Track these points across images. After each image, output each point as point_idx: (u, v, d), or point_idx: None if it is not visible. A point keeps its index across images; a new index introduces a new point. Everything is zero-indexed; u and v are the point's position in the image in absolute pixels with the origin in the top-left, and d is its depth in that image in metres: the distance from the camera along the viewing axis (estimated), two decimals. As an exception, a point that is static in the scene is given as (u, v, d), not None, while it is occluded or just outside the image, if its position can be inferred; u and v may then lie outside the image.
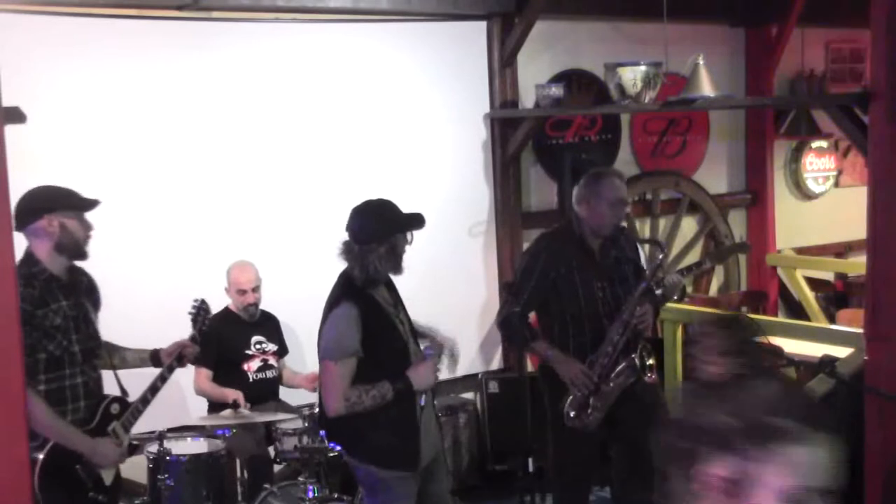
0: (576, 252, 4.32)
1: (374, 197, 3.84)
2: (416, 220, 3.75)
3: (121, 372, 3.94)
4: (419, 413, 3.76)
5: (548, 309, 4.38)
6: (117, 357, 4.00)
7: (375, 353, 3.67)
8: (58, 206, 3.63)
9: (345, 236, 3.75)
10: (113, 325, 4.82)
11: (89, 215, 3.72)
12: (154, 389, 3.83)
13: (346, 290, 3.71)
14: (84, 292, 3.80)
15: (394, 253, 3.71)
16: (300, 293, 5.55)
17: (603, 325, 4.28)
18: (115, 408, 3.76)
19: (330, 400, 3.66)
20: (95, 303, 3.89)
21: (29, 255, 3.63)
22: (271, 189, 5.57)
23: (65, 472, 3.60)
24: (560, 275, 4.29)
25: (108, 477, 3.73)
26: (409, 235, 3.75)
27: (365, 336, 3.64)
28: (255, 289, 5.18)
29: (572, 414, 4.27)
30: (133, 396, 3.83)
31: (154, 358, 3.99)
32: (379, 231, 3.70)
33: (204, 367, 5.07)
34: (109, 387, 3.88)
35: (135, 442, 3.93)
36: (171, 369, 3.89)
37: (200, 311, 4.06)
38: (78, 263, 3.78)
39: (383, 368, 3.68)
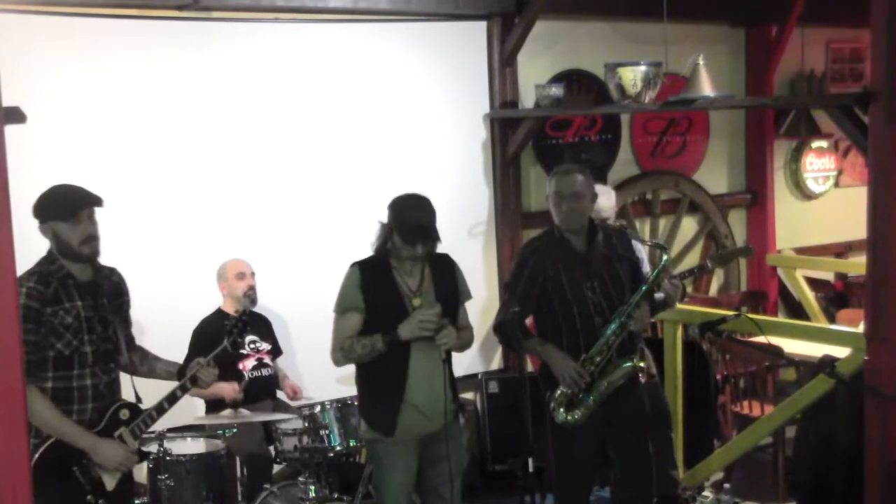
0: (562, 254, 4.30)
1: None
2: (404, 228, 3.93)
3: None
4: (406, 383, 3.96)
5: (541, 311, 4.37)
6: (146, 365, 3.94)
7: (377, 315, 3.97)
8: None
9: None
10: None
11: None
12: (172, 399, 3.76)
13: (360, 259, 4.10)
14: (109, 294, 3.72)
15: (382, 240, 4.04)
16: (298, 294, 5.56)
17: (595, 323, 4.25)
18: (124, 413, 3.67)
19: (331, 349, 4.04)
20: (121, 306, 3.83)
21: (49, 253, 3.63)
22: (271, 189, 5.57)
23: (59, 472, 3.50)
24: (548, 278, 4.28)
25: (110, 482, 3.62)
26: (402, 241, 3.93)
27: (366, 297, 3.98)
28: (252, 275, 5.21)
29: (561, 410, 4.24)
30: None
31: (181, 373, 3.87)
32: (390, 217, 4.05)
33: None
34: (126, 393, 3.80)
35: (144, 449, 3.83)
36: (183, 389, 3.78)
37: (237, 325, 3.97)
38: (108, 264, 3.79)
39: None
